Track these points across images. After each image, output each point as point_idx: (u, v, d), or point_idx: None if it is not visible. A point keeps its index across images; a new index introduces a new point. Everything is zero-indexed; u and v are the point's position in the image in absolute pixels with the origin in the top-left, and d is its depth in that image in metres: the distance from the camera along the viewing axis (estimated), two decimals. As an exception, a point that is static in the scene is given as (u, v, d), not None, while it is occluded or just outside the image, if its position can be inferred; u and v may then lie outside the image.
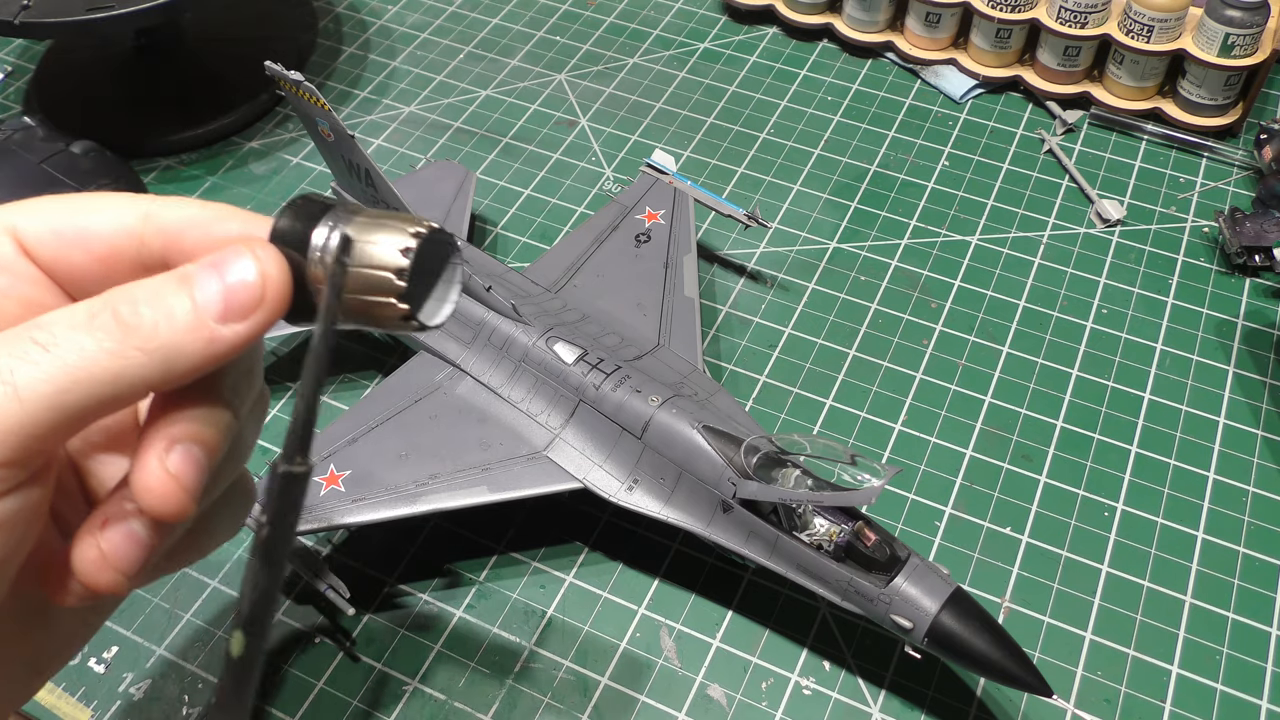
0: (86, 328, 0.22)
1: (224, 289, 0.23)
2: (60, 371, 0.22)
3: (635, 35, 0.81)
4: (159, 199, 0.26)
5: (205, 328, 0.23)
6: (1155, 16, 0.68)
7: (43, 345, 0.22)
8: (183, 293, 0.23)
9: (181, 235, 0.25)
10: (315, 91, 0.51)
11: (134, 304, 0.23)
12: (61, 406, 0.22)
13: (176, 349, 0.23)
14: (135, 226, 0.25)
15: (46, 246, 0.25)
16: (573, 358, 0.51)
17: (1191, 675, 0.48)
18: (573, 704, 0.48)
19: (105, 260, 0.25)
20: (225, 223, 0.25)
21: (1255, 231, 0.63)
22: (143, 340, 0.22)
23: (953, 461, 0.55)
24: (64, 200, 0.26)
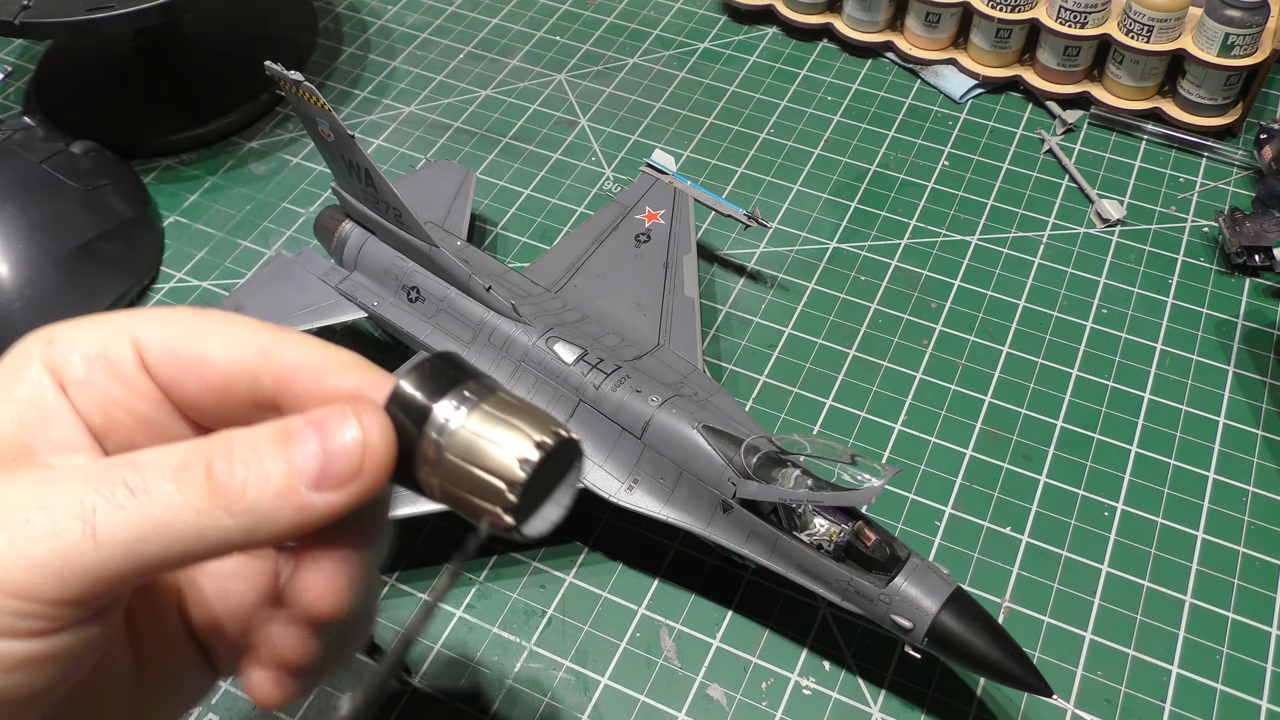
0: (177, 479, 0.22)
1: (322, 455, 0.22)
2: (143, 521, 0.21)
3: (635, 35, 0.81)
4: (280, 334, 0.25)
5: (296, 495, 0.22)
6: (1155, 16, 0.68)
7: (131, 489, 0.22)
8: (280, 455, 0.22)
9: (295, 379, 0.24)
10: (315, 91, 0.51)
11: (229, 461, 0.22)
12: (138, 555, 0.21)
13: (264, 515, 0.22)
14: (251, 362, 0.24)
15: (164, 367, 0.25)
16: (572, 358, 0.51)
17: (1191, 675, 0.48)
18: (573, 704, 0.48)
19: (219, 391, 0.25)
20: (341, 374, 0.24)
21: (1255, 231, 0.63)
22: (230, 502, 0.22)
23: (953, 461, 0.55)
24: (187, 319, 0.25)
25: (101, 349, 0.25)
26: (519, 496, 0.23)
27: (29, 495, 0.21)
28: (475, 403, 0.23)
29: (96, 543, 0.21)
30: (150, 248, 0.66)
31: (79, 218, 0.63)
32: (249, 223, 0.68)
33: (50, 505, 0.21)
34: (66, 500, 0.21)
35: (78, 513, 0.21)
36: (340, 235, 0.59)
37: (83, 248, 0.62)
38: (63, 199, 0.63)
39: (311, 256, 0.59)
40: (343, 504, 0.22)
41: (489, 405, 0.23)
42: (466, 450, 0.23)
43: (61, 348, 0.25)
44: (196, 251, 0.67)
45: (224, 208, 0.69)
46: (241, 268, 0.66)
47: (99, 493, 0.21)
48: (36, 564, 0.21)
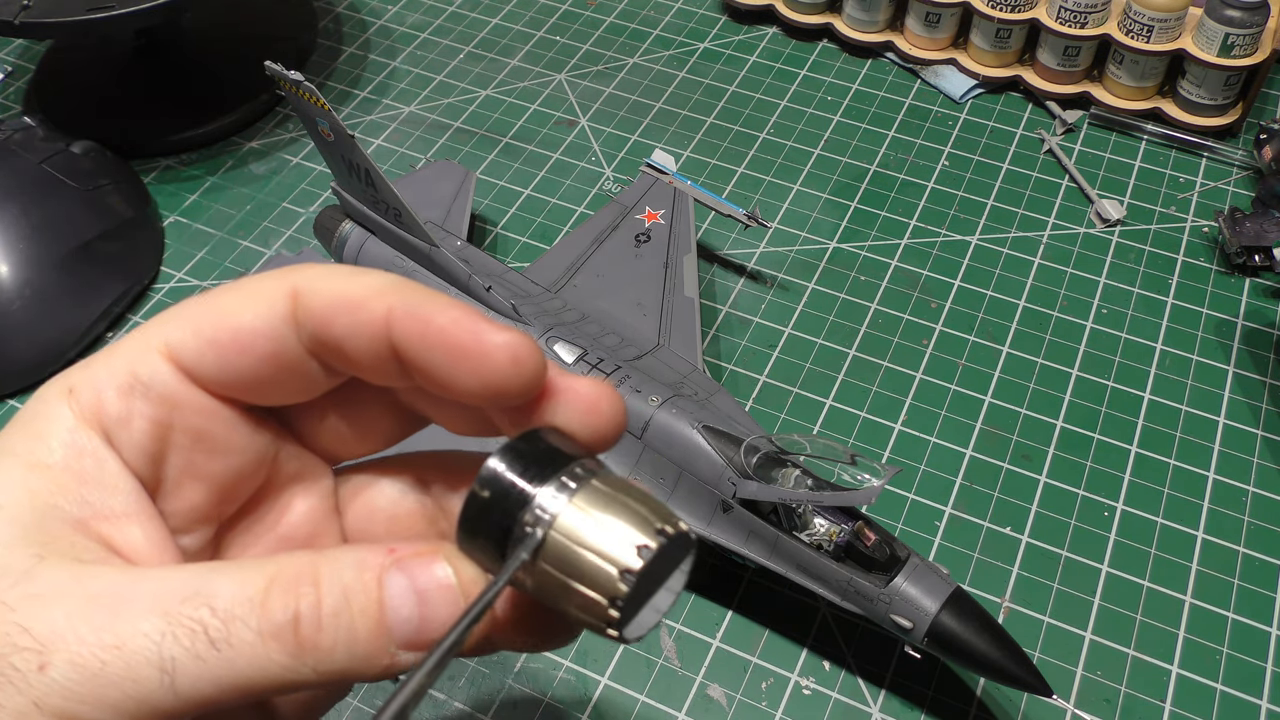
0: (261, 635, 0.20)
1: (419, 619, 0.21)
2: (225, 676, 0.20)
3: (635, 35, 0.81)
4: (306, 269, 0.23)
5: (385, 656, 0.21)
6: (1155, 16, 0.68)
7: (212, 640, 0.20)
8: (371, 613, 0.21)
9: (331, 321, 0.22)
10: (315, 91, 0.51)
11: (317, 616, 0.20)
12: (216, 702, 0.20)
13: (348, 671, 0.21)
14: (286, 311, 0.23)
15: (208, 361, 0.23)
16: (572, 358, 0.51)
17: (1191, 675, 0.48)
18: (573, 704, 0.48)
19: (271, 357, 0.23)
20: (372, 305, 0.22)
21: (1255, 231, 0.63)
22: (318, 662, 0.20)
23: (953, 461, 0.55)
24: (209, 302, 0.23)
25: (131, 375, 0.23)
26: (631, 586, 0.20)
27: (100, 626, 0.20)
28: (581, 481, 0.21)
29: (176, 694, 0.20)
30: (150, 248, 0.66)
31: (79, 218, 0.63)
32: (249, 223, 0.68)
33: (125, 646, 0.20)
34: (143, 642, 0.20)
35: (155, 661, 0.20)
36: (340, 235, 0.59)
37: (83, 248, 0.62)
38: (63, 199, 0.63)
39: (311, 256, 0.59)
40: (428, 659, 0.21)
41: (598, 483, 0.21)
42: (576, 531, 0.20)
43: (89, 391, 0.23)
44: (196, 251, 0.67)
45: (224, 208, 0.69)
46: (241, 268, 0.66)
47: (177, 640, 0.20)
48: (110, 706, 0.19)
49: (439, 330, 0.22)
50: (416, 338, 0.22)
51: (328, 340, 0.23)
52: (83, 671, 0.19)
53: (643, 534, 0.20)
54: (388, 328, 0.22)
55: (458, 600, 0.21)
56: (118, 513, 0.22)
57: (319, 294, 0.22)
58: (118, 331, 0.62)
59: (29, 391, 0.60)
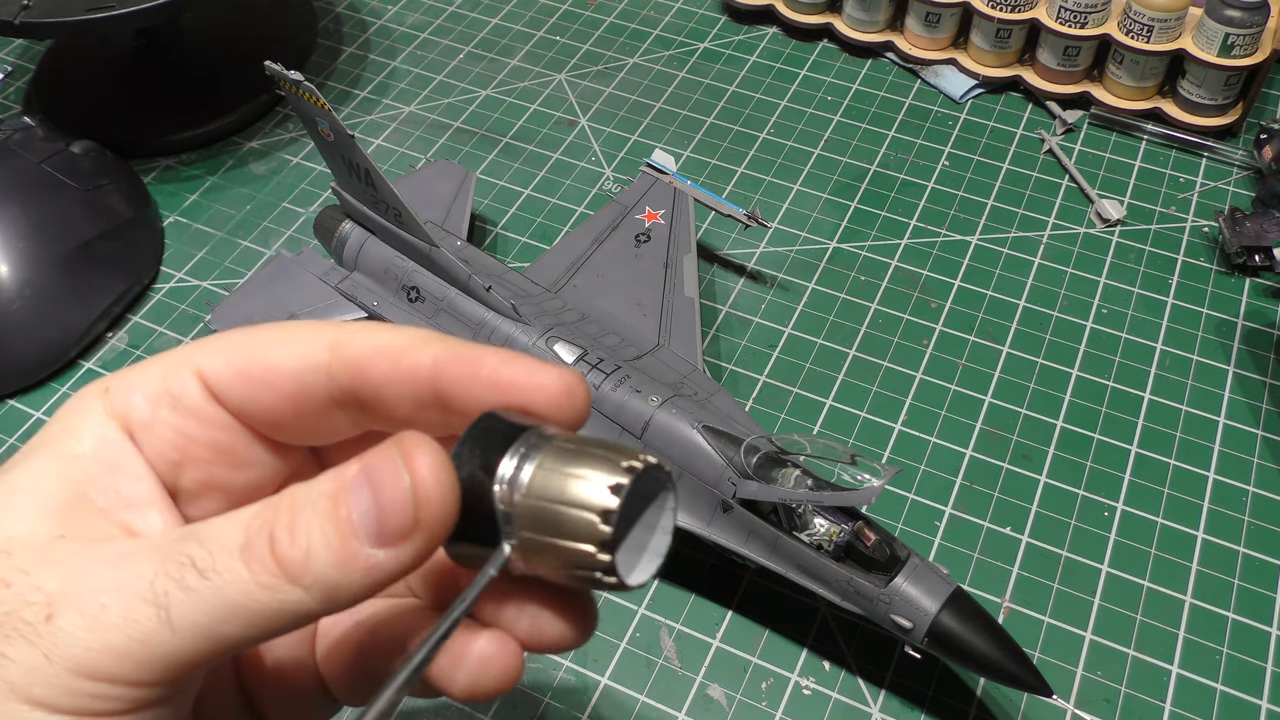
0: (244, 556, 0.21)
1: (376, 509, 0.21)
2: (216, 604, 0.20)
3: (635, 35, 0.81)
4: (348, 327, 0.24)
5: (360, 556, 0.21)
6: (1155, 16, 0.68)
7: (201, 571, 0.20)
8: (337, 515, 0.21)
9: (368, 369, 0.23)
10: (315, 91, 0.51)
11: (290, 530, 0.21)
12: (217, 636, 0.21)
13: (335, 582, 0.21)
14: (322, 361, 0.23)
15: (234, 389, 0.24)
16: (572, 358, 0.51)
17: (1191, 675, 0.48)
18: (573, 704, 0.48)
19: (293, 399, 0.24)
20: (417, 351, 0.23)
21: (1255, 231, 0.63)
22: (299, 575, 0.21)
23: (953, 461, 0.55)
24: (248, 335, 0.24)
25: (163, 386, 0.24)
26: (614, 525, 0.20)
27: (102, 577, 0.21)
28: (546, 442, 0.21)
29: (173, 630, 0.20)
30: (150, 248, 0.66)
31: (79, 218, 0.63)
32: (249, 223, 0.68)
33: (123, 588, 0.20)
34: (138, 583, 0.20)
35: (150, 598, 0.20)
36: (340, 235, 0.59)
37: (83, 248, 0.62)
38: (63, 199, 0.63)
39: (311, 256, 0.59)
40: (411, 558, 0.21)
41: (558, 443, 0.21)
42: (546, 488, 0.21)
43: (121, 393, 0.24)
44: (196, 251, 0.67)
45: (224, 208, 0.69)
46: (241, 268, 0.66)
47: (169, 575, 0.21)
48: (115, 650, 0.20)
49: (491, 371, 0.23)
50: (468, 380, 0.23)
51: (363, 388, 0.23)
52: (85, 617, 0.20)
53: (613, 474, 0.20)
54: (433, 374, 0.23)
55: (402, 477, 0.21)
56: (140, 501, 0.23)
57: (359, 345, 0.23)
58: (118, 331, 0.62)
59: (29, 391, 0.60)
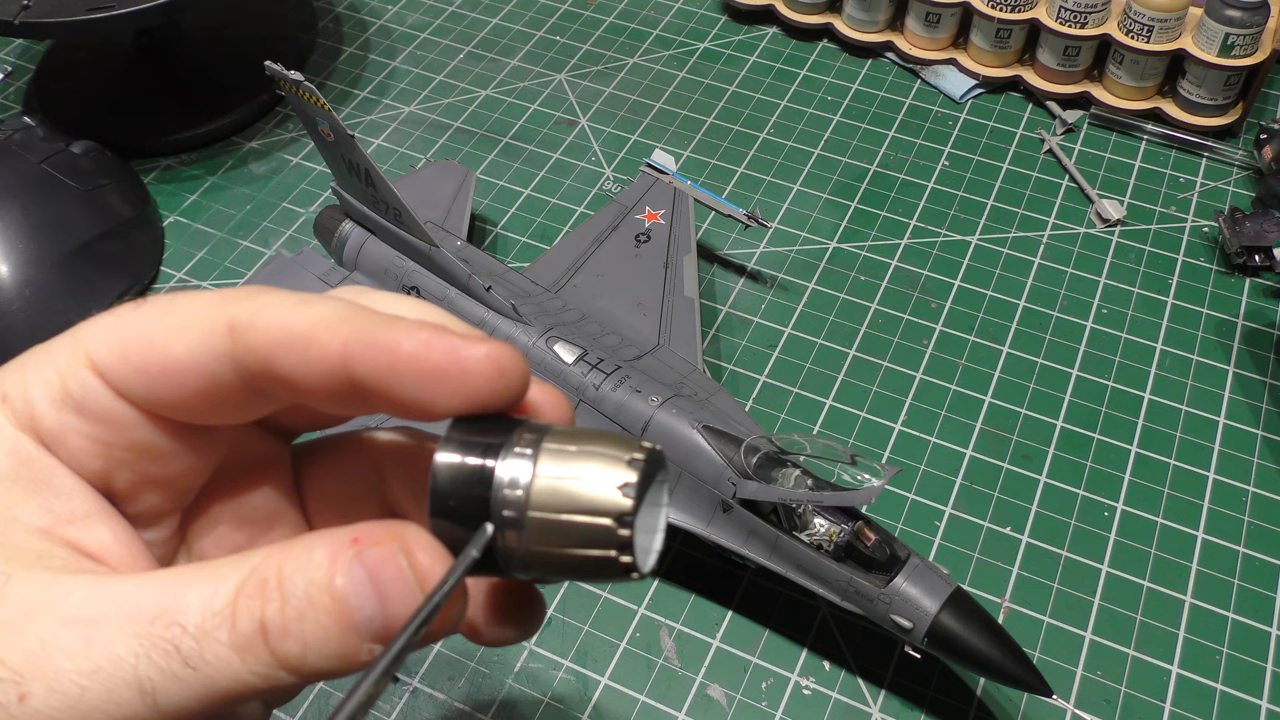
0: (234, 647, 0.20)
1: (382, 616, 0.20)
2: (206, 691, 0.20)
3: (635, 35, 0.81)
4: (247, 300, 0.21)
5: (362, 651, 0.20)
6: (1155, 16, 0.68)
7: (186, 660, 0.19)
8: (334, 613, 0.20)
9: (275, 361, 0.21)
10: (315, 91, 0.51)
11: (283, 620, 0.20)
12: (201, 713, 0.20)
13: (329, 671, 0.20)
14: (222, 348, 0.21)
15: (135, 387, 0.21)
16: (572, 358, 0.51)
17: (1191, 675, 0.48)
18: (573, 704, 0.48)
19: (204, 395, 0.21)
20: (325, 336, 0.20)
21: (1255, 231, 0.63)
22: (294, 667, 0.20)
23: (953, 461, 0.55)
24: (138, 323, 0.21)
25: (63, 389, 0.21)
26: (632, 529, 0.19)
27: (74, 653, 0.19)
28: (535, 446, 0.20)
29: (158, 712, 0.19)
30: (150, 248, 0.66)
31: (79, 218, 0.63)
32: (249, 223, 0.68)
33: (101, 670, 0.19)
34: (117, 666, 0.19)
35: (133, 683, 0.19)
36: (340, 235, 0.59)
37: (83, 248, 0.62)
38: (63, 199, 0.63)
39: (311, 256, 0.59)
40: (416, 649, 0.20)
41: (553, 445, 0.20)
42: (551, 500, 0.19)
43: (20, 400, 0.21)
44: (196, 251, 0.67)
45: (224, 208, 0.69)
46: (241, 268, 0.66)
47: (152, 661, 0.19)
48: None
49: (408, 357, 0.20)
50: (383, 369, 0.20)
51: (274, 377, 0.21)
52: (63, 699, 0.19)
53: (619, 470, 0.19)
54: (344, 363, 0.20)
55: (414, 593, 0.20)
56: (80, 515, 0.22)
57: (259, 330, 0.21)
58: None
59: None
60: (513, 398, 0.21)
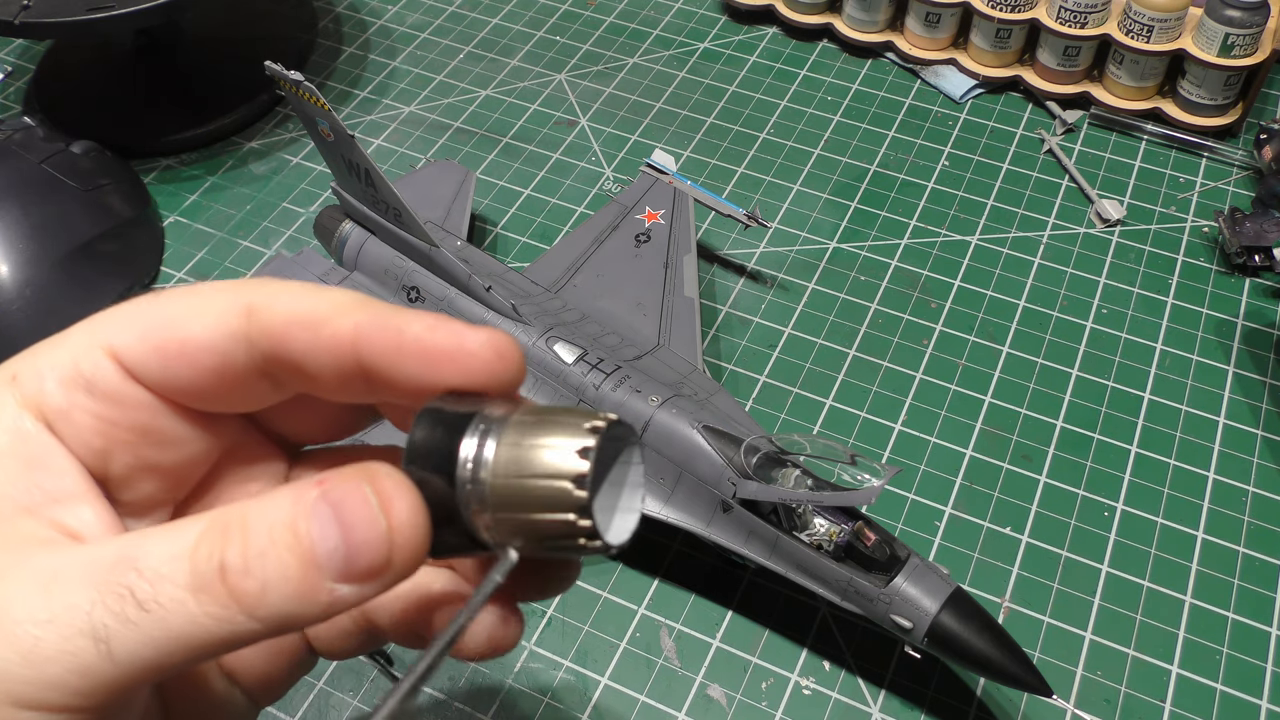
0: (191, 588, 0.19)
1: (345, 548, 0.20)
2: (160, 636, 0.19)
3: (635, 35, 0.81)
4: (261, 286, 0.22)
5: (323, 591, 0.20)
6: (1155, 16, 0.68)
7: (140, 603, 0.19)
8: (299, 548, 0.20)
9: (288, 339, 0.22)
10: (315, 91, 0.51)
11: (243, 559, 0.20)
12: (160, 664, 0.20)
13: (291, 613, 0.20)
14: (239, 328, 0.22)
15: (151, 367, 0.22)
16: (572, 357, 0.51)
17: (1191, 675, 0.48)
18: (573, 704, 0.48)
19: (216, 373, 0.22)
20: (338, 320, 0.22)
21: (1255, 231, 0.63)
22: (252, 607, 0.20)
23: (953, 461, 0.55)
24: (159, 305, 0.23)
25: (74, 369, 0.22)
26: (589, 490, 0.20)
27: (32, 605, 0.20)
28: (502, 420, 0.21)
29: (114, 662, 0.19)
30: (150, 248, 0.66)
31: (79, 218, 0.63)
32: (249, 223, 0.68)
33: (56, 619, 0.19)
34: (72, 614, 0.19)
35: (88, 630, 0.19)
36: (340, 235, 0.59)
37: (83, 248, 0.62)
38: (63, 199, 0.63)
39: (311, 256, 0.59)
40: (375, 592, 0.20)
41: (518, 417, 0.21)
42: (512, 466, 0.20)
43: (31, 379, 0.22)
44: (196, 251, 0.67)
45: (224, 208, 0.69)
46: (241, 268, 0.66)
47: (107, 607, 0.19)
48: (52, 682, 0.19)
49: (414, 339, 0.21)
50: (391, 350, 0.21)
51: (284, 358, 0.22)
52: (18, 650, 0.19)
53: (578, 438, 0.20)
54: (354, 343, 0.21)
55: (379, 521, 0.20)
56: (67, 494, 0.22)
57: (275, 311, 0.22)
58: (118, 331, 0.62)
59: (29, 391, 0.60)
60: (510, 381, 0.22)
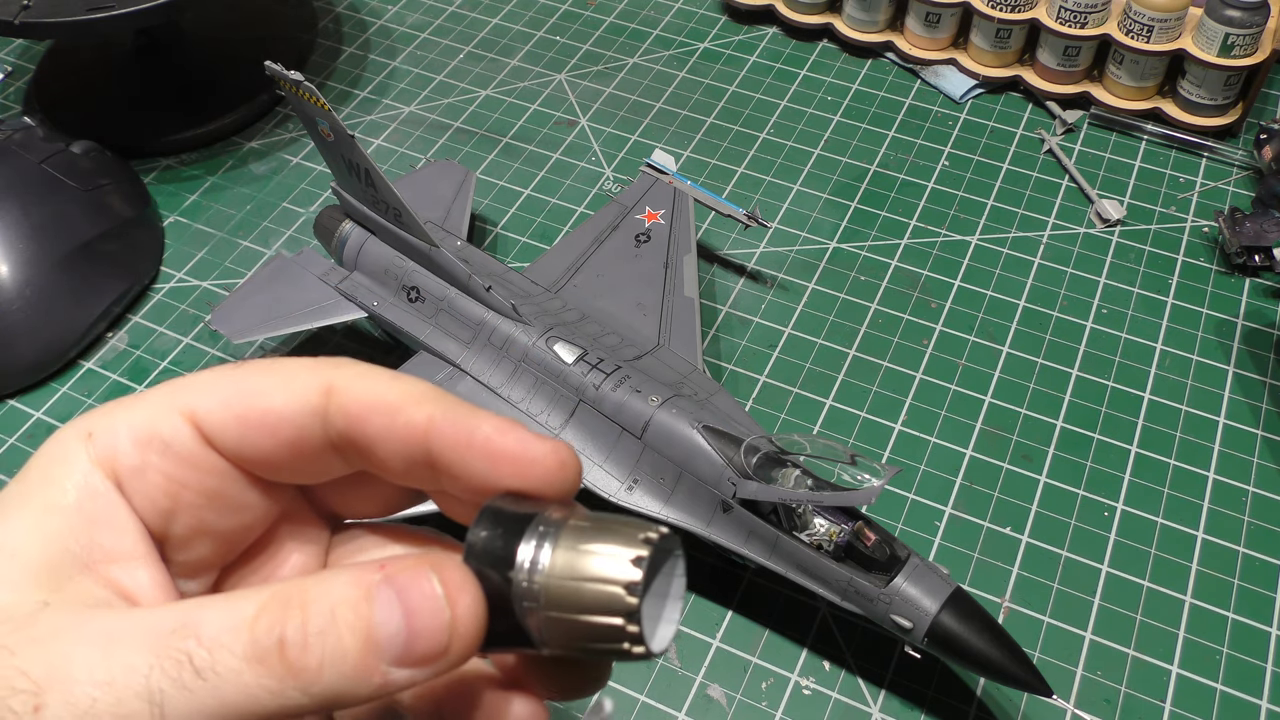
0: (247, 659, 0.20)
1: (406, 633, 0.20)
2: (215, 705, 0.20)
3: (635, 35, 0.81)
4: (342, 367, 0.24)
5: (377, 674, 0.20)
6: (1155, 16, 0.68)
7: (198, 670, 0.20)
8: (359, 629, 0.20)
9: (365, 421, 0.23)
10: (315, 91, 0.51)
11: (303, 635, 0.20)
12: None
13: (342, 692, 0.20)
14: (318, 405, 0.23)
15: (229, 434, 0.23)
16: (572, 357, 0.51)
17: (1191, 675, 0.48)
18: (573, 704, 0.48)
19: (292, 445, 0.24)
20: (413, 409, 0.23)
21: (1255, 231, 0.63)
22: (306, 684, 0.20)
23: (953, 461, 0.55)
24: (242, 377, 0.24)
25: (152, 430, 0.23)
26: (640, 597, 0.20)
27: (92, 665, 0.20)
28: (559, 524, 0.22)
29: None
30: (150, 248, 0.66)
31: (79, 218, 0.63)
32: (249, 223, 0.68)
33: (115, 681, 0.20)
34: (130, 677, 0.20)
35: (144, 694, 0.20)
36: (340, 235, 0.59)
37: (83, 248, 0.62)
38: (63, 199, 0.63)
39: (311, 256, 0.59)
40: (426, 678, 0.21)
41: (574, 523, 0.22)
42: (568, 569, 0.21)
43: (106, 437, 0.23)
44: (196, 251, 0.67)
45: (224, 208, 0.69)
46: (241, 268, 0.66)
47: (164, 672, 0.20)
48: None
49: (484, 440, 0.22)
50: (461, 447, 0.23)
51: (358, 440, 0.23)
52: (74, 710, 0.19)
53: (632, 548, 0.21)
54: (426, 434, 0.23)
55: (443, 611, 0.20)
56: (126, 554, 0.23)
57: (354, 394, 0.23)
58: (118, 331, 0.62)
59: (29, 391, 0.60)
60: (568, 490, 0.23)
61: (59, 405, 0.59)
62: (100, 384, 0.60)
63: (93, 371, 0.61)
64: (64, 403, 0.59)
